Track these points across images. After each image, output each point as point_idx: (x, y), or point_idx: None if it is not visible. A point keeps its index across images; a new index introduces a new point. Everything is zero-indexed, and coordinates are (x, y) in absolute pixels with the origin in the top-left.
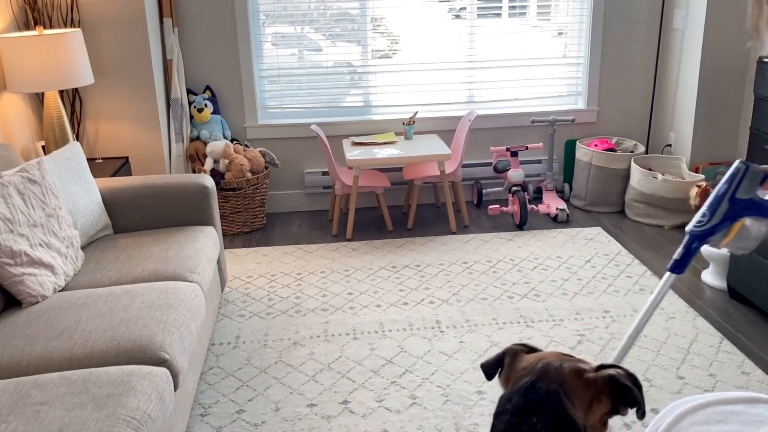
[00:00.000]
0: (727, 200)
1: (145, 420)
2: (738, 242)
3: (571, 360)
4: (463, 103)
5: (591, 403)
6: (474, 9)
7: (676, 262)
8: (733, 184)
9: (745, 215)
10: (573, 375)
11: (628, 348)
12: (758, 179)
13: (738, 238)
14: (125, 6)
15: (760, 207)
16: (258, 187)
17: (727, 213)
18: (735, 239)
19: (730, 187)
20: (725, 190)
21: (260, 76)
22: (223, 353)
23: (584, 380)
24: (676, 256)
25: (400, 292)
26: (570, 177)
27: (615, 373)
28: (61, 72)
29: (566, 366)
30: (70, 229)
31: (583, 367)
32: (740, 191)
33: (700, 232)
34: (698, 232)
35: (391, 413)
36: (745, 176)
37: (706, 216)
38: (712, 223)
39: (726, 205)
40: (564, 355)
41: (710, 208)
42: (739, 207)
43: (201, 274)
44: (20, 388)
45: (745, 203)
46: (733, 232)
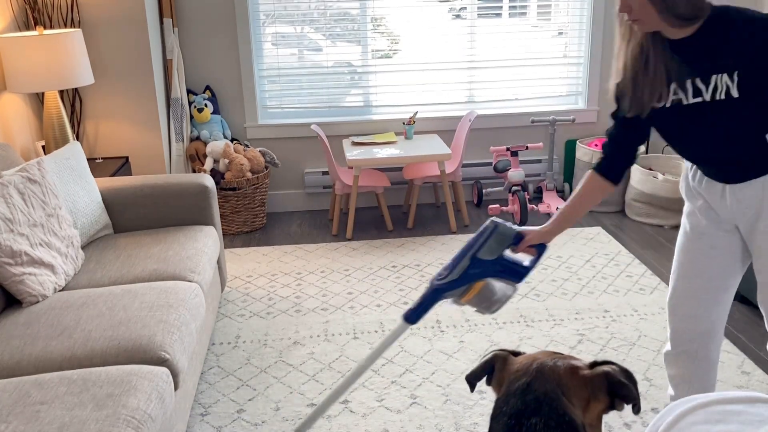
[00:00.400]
0: (468, 258)
1: (145, 420)
2: (480, 301)
3: (563, 358)
4: (463, 103)
5: (588, 400)
6: (474, 9)
7: (411, 311)
8: (477, 242)
9: (486, 276)
10: (569, 373)
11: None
12: (507, 241)
13: (479, 298)
14: (125, 6)
15: (505, 270)
16: (258, 187)
17: (466, 271)
18: (476, 298)
19: (474, 244)
20: (468, 246)
21: (260, 76)
22: (223, 353)
23: (580, 378)
24: (413, 305)
25: (400, 291)
26: (570, 177)
27: (610, 369)
28: (61, 72)
29: (561, 365)
30: (70, 229)
31: (577, 364)
32: (483, 251)
33: (438, 286)
34: (437, 285)
35: (391, 413)
36: (491, 236)
37: (447, 269)
38: (451, 279)
39: (467, 262)
40: (555, 354)
41: (453, 262)
42: (479, 267)
43: (201, 273)
44: (20, 387)
45: (487, 264)
46: (473, 291)
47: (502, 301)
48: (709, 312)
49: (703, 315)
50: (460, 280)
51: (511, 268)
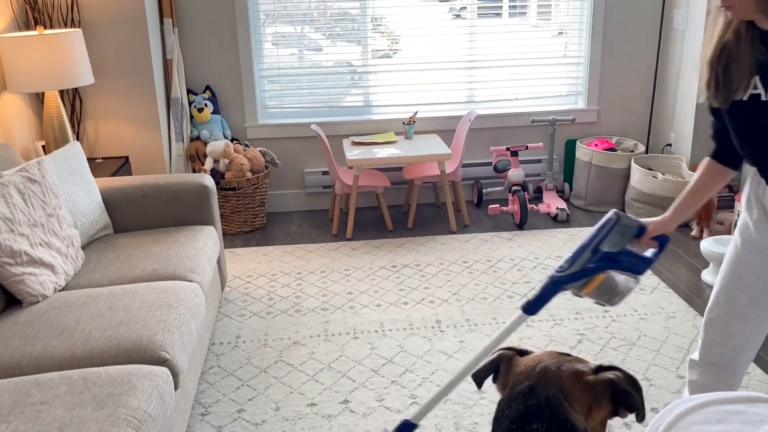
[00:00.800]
0: (589, 250)
1: (145, 419)
2: (600, 294)
3: (568, 360)
4: (463, 102)
5: (590, 407)
6: (474, 9)
7: (530, 302)
8: (599, 234)
9: (608, 268)
10: (572, 378)
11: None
12: (629, 233)
13: (601, 290)
14: (125, 6)
15: (627, 262)
16: (258, 187)
17: (588, 264)
18: (597, 291)
19: (596, 237)
20: (590, 239)
21: (260, 76)
22: (223, 353)
23: (584, 384)
24: (531, 296)
25: (400, 291)
26: (570, 176)
27: (614, 377)
28: (61, 72)
29: (565, 369)
30: (71, 229)
31: (582, 369)
32: (606, 243)
33: (558, 278)
34: (557, 277)
35: (391, 412)
36: (614, 228)
37: (567, 262)
38: (571, 271)
39: (588, 255)
40: (560, 355)
41: (573, 255)
42: (602, 259)
43: (201, 273)
44: (20, 387)
45: (610, 256)
46: (594, 283)
47: (624, 294)
48: (744, 329)
49: (738, 332)
50: (580, 272)
51: (633, 261)
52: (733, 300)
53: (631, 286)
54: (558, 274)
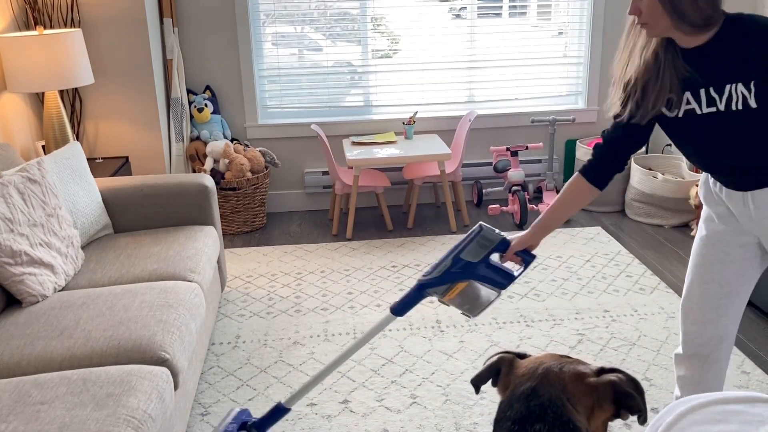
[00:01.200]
0: (450, 258)
1: (145, 419)
2: (462, 303)
3: (569, 362)
4: (463, 102)
5: (593, 408)
6: (474, 9)
7: (397, 303)
8: (461, 243)
9: (468, 278)
10: (574, 379)
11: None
12: (490, 245)
13: (462, 299)
14: (125, 6)
15: (487, 274)
16: (258, 187)
17: (449, 269)
18: (459, 298)
19: (458, 245)
20: (453, 247)
21: (260, 76)
22: (223, 353)
23: (585, 385)
24: (399, 299)
25: (400, 291)
26: (570, 176)
27: (617, 378)
28: (61, 72)
29: (567, 370)
30: (70, 229)
31: (584, 370)
32: (466, 252)
33: (422, 282)
34: (422, 281)
35: (391, 413)
36: (475, 238)
37: (433, 267)
38: (433, 276)
39: (449, 262)
40: (561, 357)
41: (437, 261)
42: (461, 268)
43: (201, 273)
44: (20, 387)
45: (471, 266)
46: (456, 290)
47: (484, 305)
48: (721, 317)
49: (714, 319)
50: (442, 277)
51: (494, 274)
52: (705, 290)
53: (491, 299)
54: (423, 278)
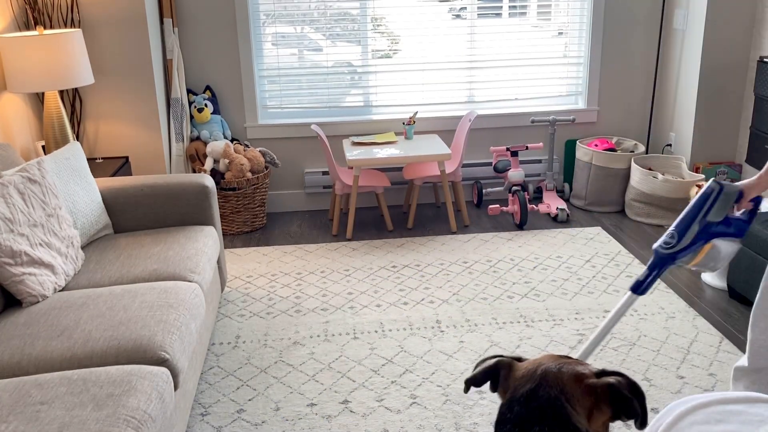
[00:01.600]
0: (697, 222)
1: (145, 420)
2: (706, 263)
3: (568, 362)
4: (463, 103)
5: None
6: (474, 9)
7: (639, 282)
8: (705, 205)
9: (715, 237)
10: (573, 380)
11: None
12: (731, 200)
13: (706, 259)
14: (125, 6)
15: (732, 228)
16: (258, 187)
17: (697, 236)
18: (703, 260)
19: (701, 208)
20: (696, 211)
21: (260, 76)
22: (223, 353)
23: (585, 386)
24: (640, 276)
25: (400, 291)
26: (570, 177)
27: (615, 381)
28: (61, 72)
29: (565, 371)
30: (70, 229)
31: (583, 371)
32: (712, 213)
33: (667, 254)
34: (665, 253)
35: (391, 413)
36: (718, 198)
37: (674, 237)
38: (681, 246)
39: (696, 227)
40: (560, 357)
41: (679, 230)
42: (710, 229)
43: (201, 273)
44: (20, 387)
45: (717, 225)
46: (701, 254)
47: (727, 258)
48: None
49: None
50: (690, 246)
51: (737, 226)
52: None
53: (732, 249)
54: (665, 250)
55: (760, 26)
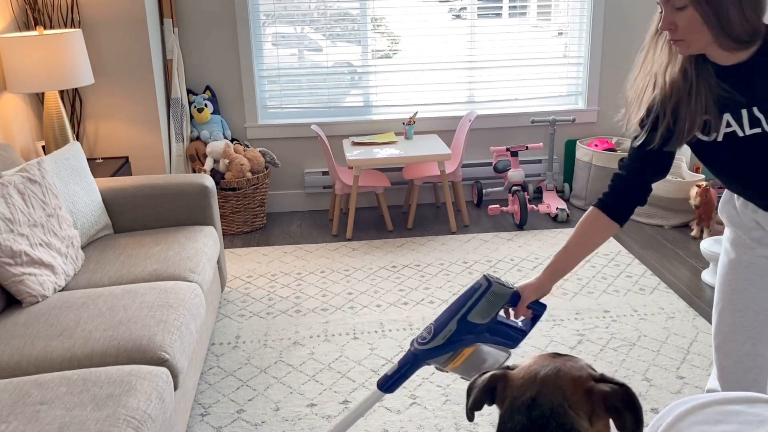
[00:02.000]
0: (455, 321)
1: (145, 420)
2: (467, 369)
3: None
4: (463, 103)
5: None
6: (474, 9)
7: (387, 377)
8: (467, 303)
9: (476, 341)
10: (572, 385)
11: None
12: (501, 302)
13: (467, 366)
14: (125, 6)
15: (498, 334)
16: (258, 187)
17: (453, 336)
18: (463, 366)
19: (463, 306)
20: (457, 308)
21: (260, 76)
22: (223, 353)
23: (583, 390)
24: (389, 372)
25: (400, 291)
26: (570, 177)
27: (610, 390)
28: (61, 72)
29: (563, 375)
30: (70, 229)
31: (581, 374)
32: (474, 313)
33: (420, 351)
34: (419, 350)
35: (391, 413)
36: (484, 295)
37: (430, 332)
38: (435, 344)
39: (453, 326)
40: (553, 358)
41: (436, 325)
42: (468, 331)
43: (201, 274)
44: (20, 387)
45: (477, 328)
46: (461, 357)
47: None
48: (759, 347)
49: (752, 351)
50: (445, 346)
51: (505, 333)
52: (739, 319)
53: (500, 360)
54: (420, 347)
55: None
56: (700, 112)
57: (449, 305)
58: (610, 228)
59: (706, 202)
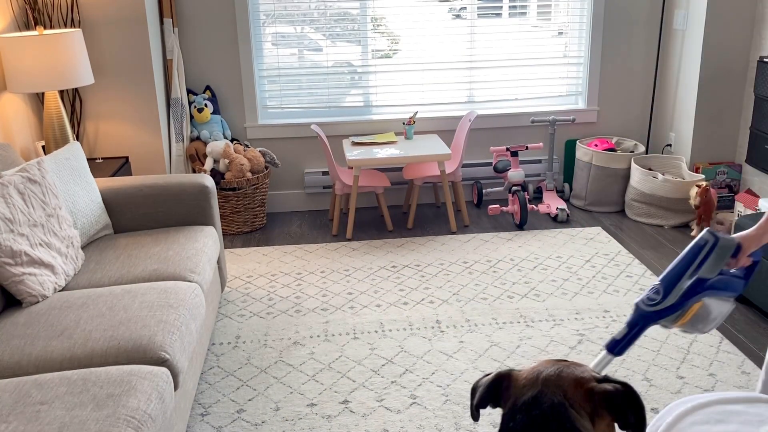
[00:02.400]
0: (687, 278)
1: (145, 420)
2: (694, 324)
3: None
4: (463, 103)
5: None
6: (474, 9)
7: (616, 342)
8: (697, 259)
9: (706, 295)
10: (574, 385)
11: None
12: (728, 254)
13: (695, 320)
14: (125, 6)
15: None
16: (258, 187)
17: (686, 293)
18: (691, 321)
19: (693, 262)
20: (686, 265)
21: (260, 76)
22: (223, 353)
23: (585, 390)
24: (617, 334)
25: (400, 291)
26: (570, 177)
27: (613, 389)
28: (61, 72)
29: (565, 375)
30: (70, 229)
31: (583, 375)
32: (704, 269)
33: (650, 312)
34: (648, 311)
35: (391, 413)
36: (712, 251)
37: (659, 293)
38: (667, 304)
39: (686, 283)
40: (558, 362)
41: (665, 285)
42: (701, 287)
43: (201, 274)
44: (20, 387)
45: (710, 282)
46: (690, 314)
47: (719, 320)
48: None
49: None
50: (678, 304)
51: (730, 283)
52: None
53: (724, 310)
54: (649, 307)
55: (760, 26)
56: None
57: (674, 263)
58: None
59: (706, 202)
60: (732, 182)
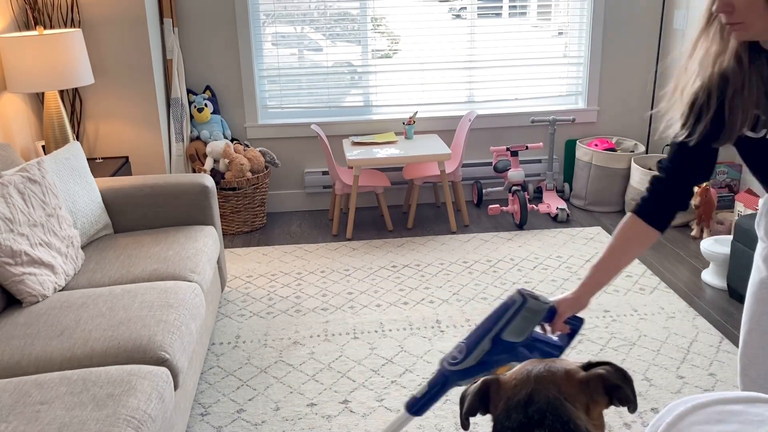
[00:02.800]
0: (489, 340)
1: (145, 419)
2: None
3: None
4: (463, 102)
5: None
6: (474, 9)
7: (416, 400)
8: (502, 320)
9: (511, 360)
10: (566, 378)
11: None
12: (538, 318)
13: None
14: (125, 6)
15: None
16: (258, 187)
17: (487, 356)
18: None
19: (497, 323)
20: (490, 325)
21: (260, 76)
22: (223, 353)
23: (577, 381)
24: (418, 392)
25: (400, 291)
26: (570, 177)
27: (605, 371)
28: (61, 72)
29: (555, 370)
30: (70, 229)
31: (571, 367)
32: (509, 331)
33: (450, 372)
34: (450, 370)
35: (391, 413)
36: (519, 312)
37: (462, 352)
38: (468, 364)
39: (487, 345)
40: (541, 360)
41: (468, 344)
42: (504, 350)
43: (201, 273)
44: (20, 387)
45: (514, 346)
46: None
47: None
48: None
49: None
50: (478, 366)
51: (542, 349)
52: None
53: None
54: (450, 367)
55: None
56: (752, 105)
57: (481, 322)
58: (649, 235)
59: (706, 202)
60: (732, 182)
